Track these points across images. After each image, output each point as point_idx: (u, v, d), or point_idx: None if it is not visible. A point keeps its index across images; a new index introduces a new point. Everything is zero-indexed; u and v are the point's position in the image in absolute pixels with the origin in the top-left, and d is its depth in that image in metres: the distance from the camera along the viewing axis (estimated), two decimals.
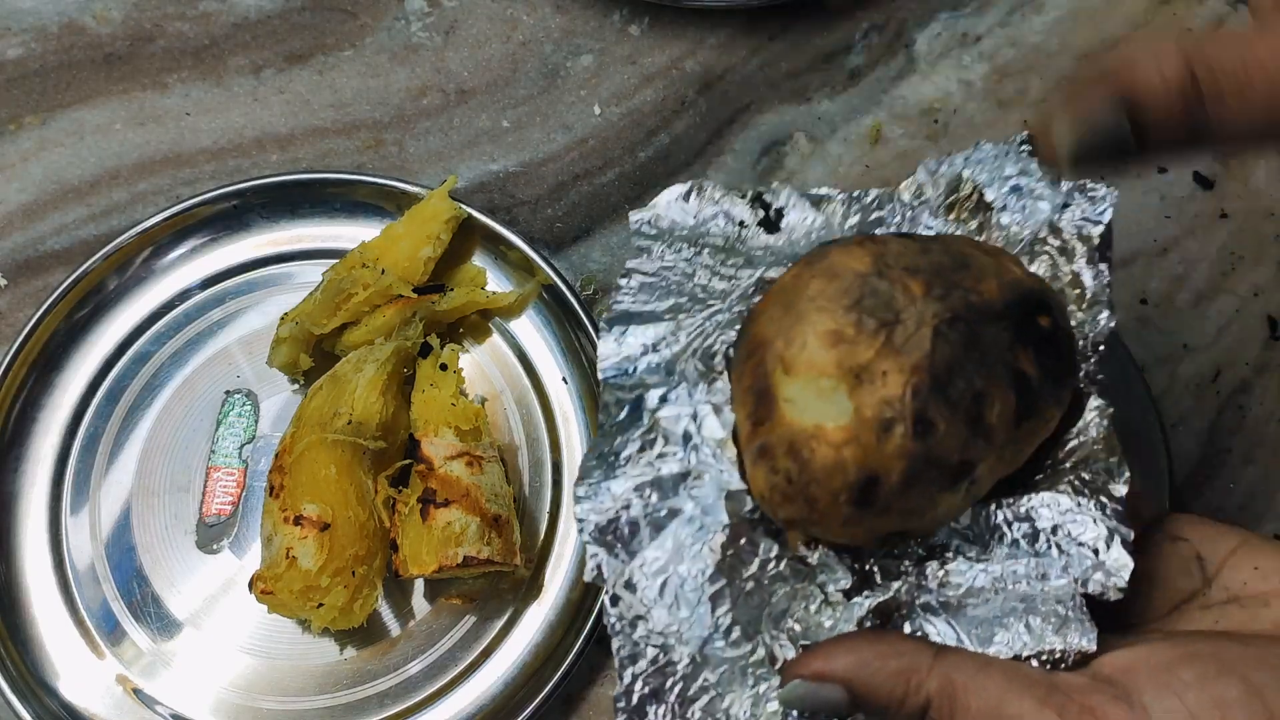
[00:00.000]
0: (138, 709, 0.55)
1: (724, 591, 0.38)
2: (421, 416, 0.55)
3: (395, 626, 0.56)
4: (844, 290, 0.36)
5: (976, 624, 0.38)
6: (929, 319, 0.35)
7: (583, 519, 0.39)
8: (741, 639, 0.38)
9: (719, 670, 0.38)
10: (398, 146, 0.65)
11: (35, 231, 0.64)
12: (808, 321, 0.36)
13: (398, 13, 0.68)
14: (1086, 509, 0.38)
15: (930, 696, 0.34)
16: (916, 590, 0.39)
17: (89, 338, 0.60)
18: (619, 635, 0.39)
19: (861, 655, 0.35)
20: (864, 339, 0.35)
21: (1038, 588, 0.38)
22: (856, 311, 0.35)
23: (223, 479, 0.58)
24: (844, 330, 0.35)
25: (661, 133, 0.66)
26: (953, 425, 0.35)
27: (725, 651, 0.38)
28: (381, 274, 0.56)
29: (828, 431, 0.35)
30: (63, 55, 0.67)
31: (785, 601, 0.39)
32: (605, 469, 0.40)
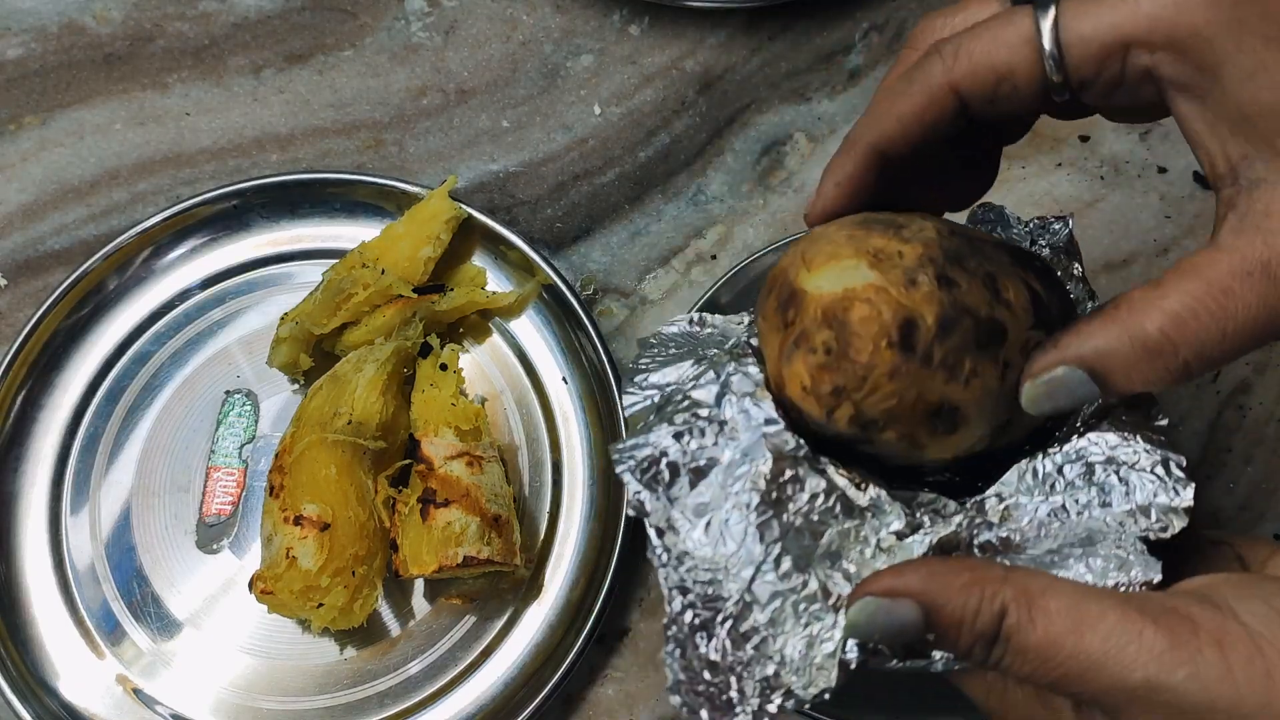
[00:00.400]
0: (138, 709, 0.55)
1: (771, 523, 0.37)
2: (421, 416, 0.55)
3: (395, 626, 0.56)
4: (856, 221, 0.37)
5: (1036, 563, 0.37)
6: (931, 228, 0.37)
7: (620, 461, 0.38)
8: (793, 570, 0.37)
9: (769, 609, 0.37)
10: (398, 146, 0.65)
11: (35, 231, 0.64)
12: (824, 237, 0.37)
13: (398, 13, 0.68)
14: (1134, 442, 0.38)
15: (1006, 604, 0.32)
16: (976, 527, 0.38)
17: (89, 338, 0.60)
18: (665, 566, 0.38)
19: (932, 570, 0.34)
20: (876, 235, 0.36)
21: (1101, 516, 0.37)
22: (865, 224, 0.37)
23: (223, 479, 0.58)
24: (856, 233, 0.36)
25: (661, 133, 0.66)
26: (973, 286, 0.35)
27: (776, 584, 0.37)
28: (381, 274, 0.56)
29: (858, 290, 0.35)
30: (63, 55, 0.67)
31: (837, 540, 0.38)
32: (642, 430, 0.39)
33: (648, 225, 0.64)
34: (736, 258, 0.63)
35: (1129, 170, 0.64)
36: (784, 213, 0.64)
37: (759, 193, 0.64)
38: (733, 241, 0.63)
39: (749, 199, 0.64)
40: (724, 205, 0.64)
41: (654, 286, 0.63)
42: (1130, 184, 0.63)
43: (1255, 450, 0.60)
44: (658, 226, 0.64)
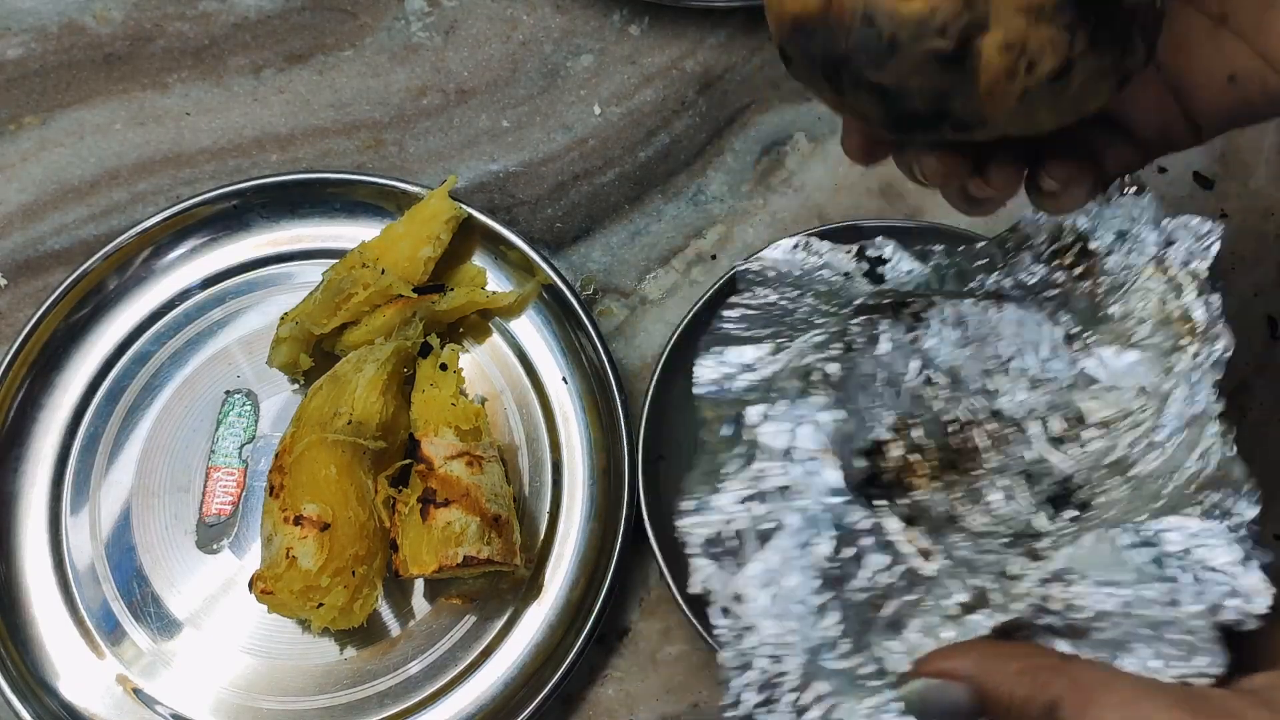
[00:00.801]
0: (138, 709, 0.55)
1: (833, 604, 0.38)
2: (421, 416, 0.55)
3: (395, 626, 0.56)
4: None
5: (1101, 647, 0.37)
6: None
7: (688, 533, 0.39)
8: (852, 651, 0.38)
9: (831, 680, 0.38)
10: (398, 146, 0.65)
11: (35, 231, 0.64)
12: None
13: (398, 13, 0.68)
14: (1217, 533, 0.38)
15: (1058, 696, 0.32)
16: (1039, 613, 0.38)
17: (89, 338, 0.60)
18: (728, 646, 0.39)
19: (986, 654, 0.35)
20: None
21: (1168, 614, 0.37)
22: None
23: (223, 479, 0.58)
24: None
25: (661, 133, 0.66)
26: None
27: (835, 664, 0.38)
28: (381, 274, 0.56)
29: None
30: (63, 55, 0.67)
31: (898, 613, 0.38)
32: (709, 484, 0.40)
33: (648, 225, 0.64)
34: (736, 258, 0.63)
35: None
36: (784, 213, 0.64)
37: (759, 193, 0.64)
38: (733, 241, 0.63)
39: (749, 199, 0.64)
40: (724, 205, 0.64)
41: (654, 286, 0.63)
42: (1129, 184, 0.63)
43: (1255, 450, 0.60)
44: (658, 226, 0.64)
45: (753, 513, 0.39)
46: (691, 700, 0.56)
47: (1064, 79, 0.32)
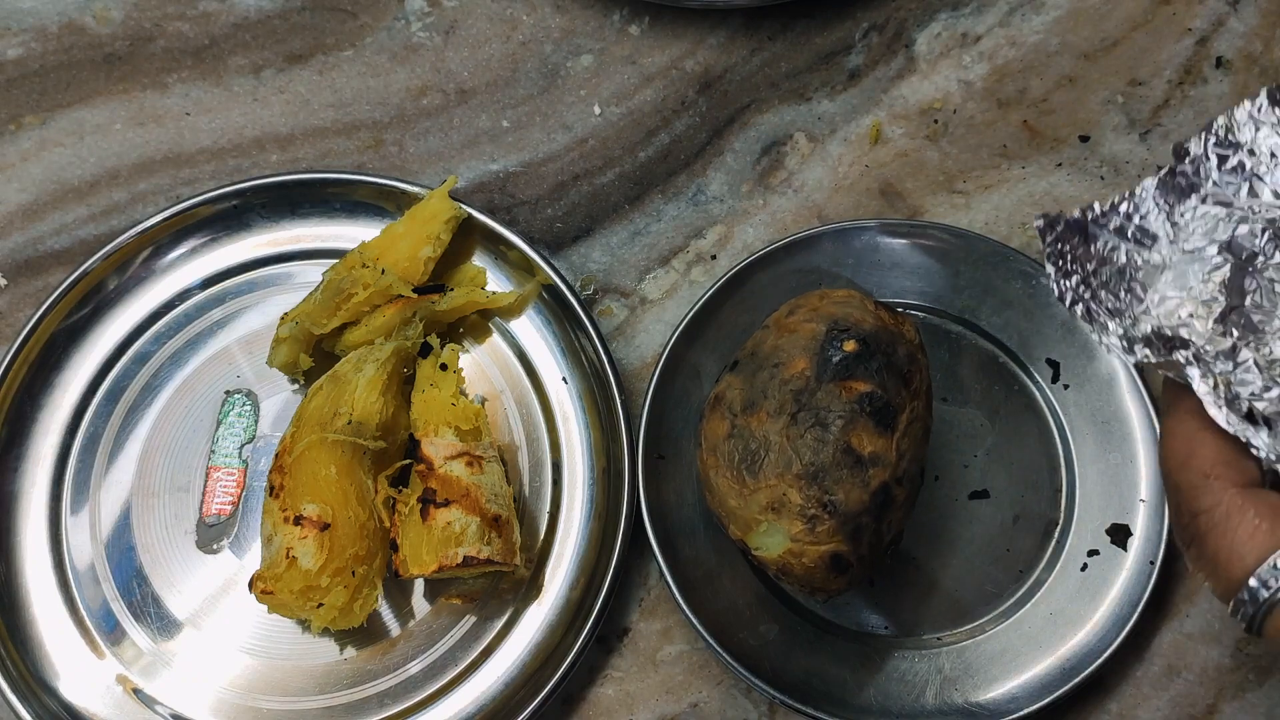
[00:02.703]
0: (138, 709, 0.55)
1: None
2: (421, 416, 0.55)
3: (395, 626, 0.56)
4: (724, 457, 0.49)
5: None
6: (779, 435, 0.47)
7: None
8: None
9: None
10: (398, 146, 0.65)
11: (35, 231, 0.64)
12: (726, 493, 0.49)
13: (398, 13, 0.68)
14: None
15: None
16: None
17: (89, 338, 0.60)
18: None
19: None
20: (757, 484, 0.47)
21: None
22: (739, 470, 0.48)
23: (223, 479, 0.58)
24: (741, 489, 0.48)
25: (661, 133, 0.66)
26: (847, 485, 0.47)
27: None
28: (381, 274, 0.56)
29: (788, 552, 0.47)
30: (63, 55, 0.67)
31: None
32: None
33: (648, 225, 0.64)
34: (736, 258, 0.63)
35: (1129, 170, 0.64)
36: (784, 213, 0.64)
37: (759, 193, 0.64)
38: (733, 241, 0.63)
39: (749, 199, 0.64)
40: (724, 205, 0.64)
41: (654, 286, 0.63)
42: (1130, 184, 0.63)
43: None
44: (658, 226, 0.64)
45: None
46: (691, 700, 0.56)
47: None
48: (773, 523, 0.47)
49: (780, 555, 0.47)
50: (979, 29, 0.67)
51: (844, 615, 0.55)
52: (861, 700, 0.53)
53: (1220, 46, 0.66)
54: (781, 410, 0.48)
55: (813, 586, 0.48)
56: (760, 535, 0.48)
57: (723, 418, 0.49)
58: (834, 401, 0.47)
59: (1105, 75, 0.66)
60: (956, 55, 0.67)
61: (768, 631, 0.54)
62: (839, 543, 0.47)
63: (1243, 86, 0.65)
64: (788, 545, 0.47)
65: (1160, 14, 0.67)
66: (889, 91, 0.66)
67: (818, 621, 0.55)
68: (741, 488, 0.48)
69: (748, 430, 0.48)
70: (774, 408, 0.48)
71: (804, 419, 0.47)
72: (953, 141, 0.65)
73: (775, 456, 0.47)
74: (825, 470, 0.47)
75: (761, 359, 0.50)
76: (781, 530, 0.47)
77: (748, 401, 0.49)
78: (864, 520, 0.47)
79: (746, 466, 0.48)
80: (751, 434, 0.48)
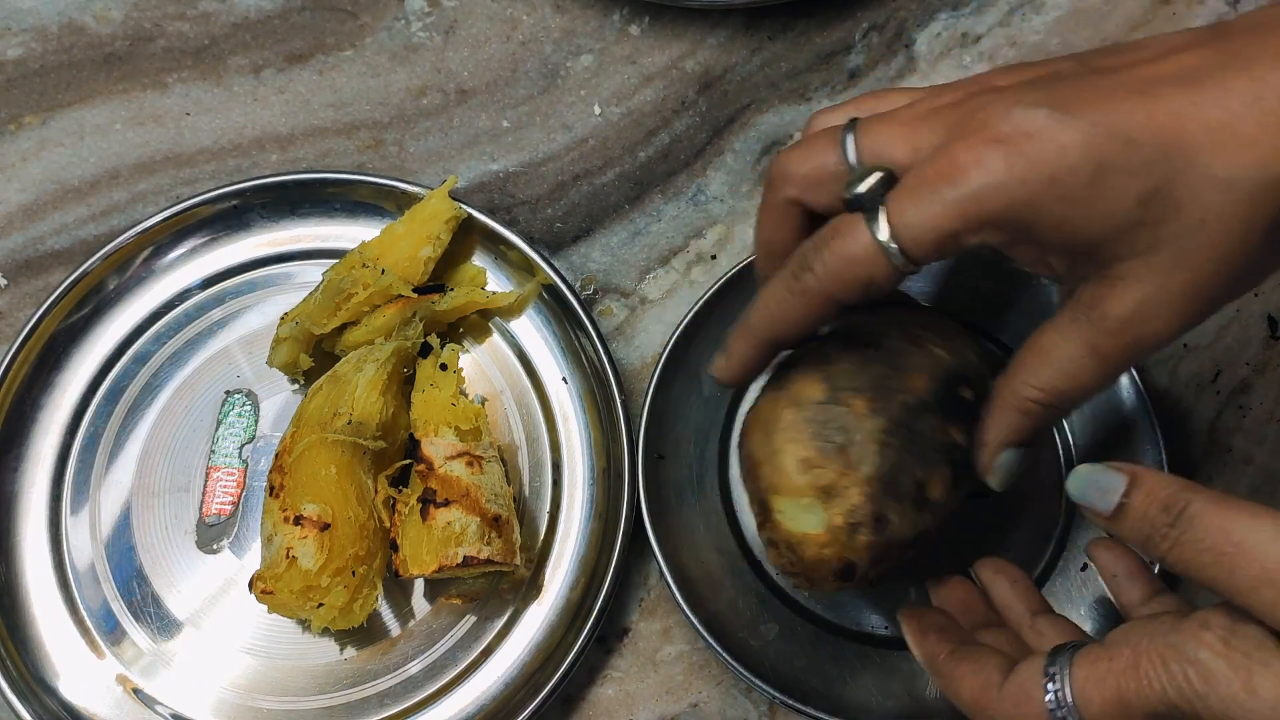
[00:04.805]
0: (138, 709, 0.55)
1: None
2: (421, 416, 0.55)
3: (395, 626, 0.56)
4: (807, 420, 0.45)
5: None
6: (875, 434, 0.44)
7: None
8: None
9: None
10: (398, 146, 0.65)
11: (35, 231, 0.64)
12: (785, 451, 0.45)
13: (398, 13, 0.68)
14: None
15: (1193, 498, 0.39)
16: None
17: (89, 338, 0.60)
18: None
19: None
20: (827, 462, 0.44)
21: None
22: (819, 439, 0.45)
23: (223, 479, 0.58)
24: (812, 457, 0.45)
25: (661, 133, 0.66)
26: (903, 514, 0.45)
27: None
28: (381, 274, 0.56)
29: (811, 537, 0.45)
30: (63, 55, 0.67)
31: None
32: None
33: (648, 225, 0.64)
34: (736, 258, 0.63)
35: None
36: None
37: (759, 193, 0.64)
38: (733, 241, 0.63)
39: (749, 199, 0.64)
40: (724, 205, 0.64)
41: (654, 286, 0.63)
42: None
43: (1255, 450, 0.60)
44: (658, 226, 0.64)
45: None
46: (691, 700, 0.56)
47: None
48: (817, 504, 0.45)
49: (802, 534, 0.45)
50: (979, 29, 0.67)
51: (844, 615, 0.55)
52: (861, 700, 0.53)
53: None
54: (884, 413, 0.45)
55: (806, 575, 0.46)
56: (796, 506, 0.45)
57: (821, 381, 0.46)
58: (932, 434, 0.45)
59: None
60: (956, 55, 0.67)
61: (768, 631, 0.54)
62: (863, 557, 0.45)
63: None
64: (817, 532, 0.45)
65: (1160, 14, 0.67)
66: None
67: (818, 621, 0.55)
68: (806, 453, 0.45)
69: (842, 407, 0.45)
70: (878, 407, 0.45)
71: (900, 434, 0.45)
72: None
73: (857, 450, 0.45)
74: (895, 492, 0.45)
75: (884, 354, 0.47)
76: (821, 516, 0.45)
77: (856, 384, 0.46)
78: (893, 551, 0.45)
79: (824, 438, 0.45)
80: (845, 414, 0.45)
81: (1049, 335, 0.42)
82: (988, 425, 0.45)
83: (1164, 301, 0.39)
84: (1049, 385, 0.42)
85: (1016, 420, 0.43)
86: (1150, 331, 0.40)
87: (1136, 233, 0.38)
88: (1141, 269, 0.39)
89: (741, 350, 0.46)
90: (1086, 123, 0.38)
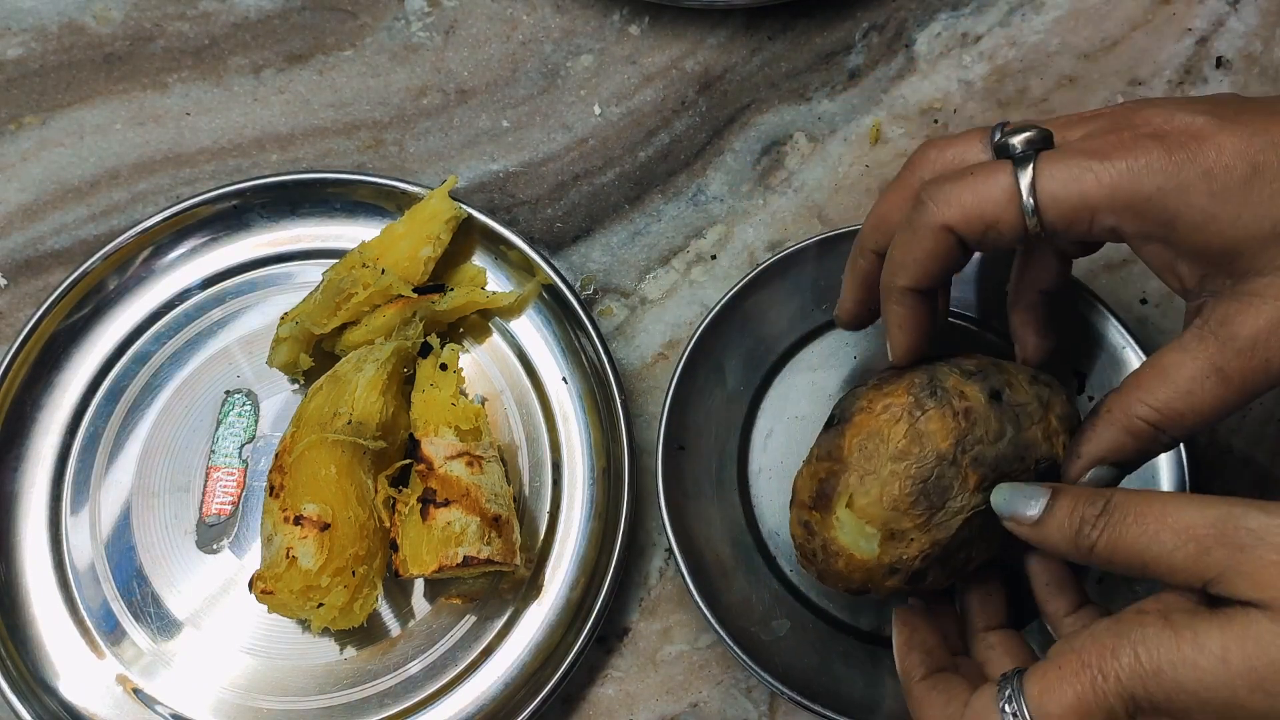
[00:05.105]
0: (138, 709, 0.55)
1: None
2: (421, 416, 0.55)
3: (395, 626, 0.56)
4: (919, 466, 0.44)
5: None
6: (967, 510, 0.44)
7: None
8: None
9: None
10: (398, 146, 0.65)
11: (35, 231, 0.64)
12: (880, 479, 0.45)
13: (398, 13, 0.68)
14: None
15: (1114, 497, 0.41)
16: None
17: (89, 338, 0.60)
18: None
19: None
20: (912, 514, 0.44)
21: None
22: (918, 492, 0.44)
23: (223, 479, 0.58)
24: (902, 502, 0.44)
25: (661, 133, 0.66)
26: (939, 576, 0.46)
27: None
28: (381, 274, 0.56)
29: (854, 558, 0.46)
30: (63, 55, 0.67)
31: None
32: None
33: (648, 225, 0.64)
34: (736, 257, 0.63)
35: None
36: (784, 213, 0.64)
37: (759, 193, 0.64)
38: (733, 241, 0.63)
39: (749, 199, 0.64)
40: (724, 205, 0.64)
41: (654, 286, 0.63)
42: None
43: (1255, 450, 0.60)
44: (658, 226, 0.64)
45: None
46: (691, 700, 0.56)
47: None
48: (877, 537, 0.45)
49: (847, 550, 0.46)
50: (979, 29, 0.67)
51: (856, 615, 0.55)
52: (870, 700, 0.53)
53: (1220, 46, 0.66)
54: (986, 493, 0.45)
55: (820, 571, 0.47)
56: (859, 527, 0.45)
57: (954, 436, 0.44)
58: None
59: (1105, 75, 0.66)
60: (956, 55, 0.67)
61: (779, 627, 0.54)
62: (881, 588, 0.46)
63: (1243, 86, 0.65)
64: (862, 557, 0.45)
65: (1160, 14, 0.67)
66: (889, 91, 0.66)
67: (829, 620, 0.55)
68: (901, 496, 0.44)
69: (959, 476, 0.44)
70: (986, 486, 0.44)
71: (982, 515, 0.45)
72: None
73: (943, 518, 0.44)
74: (944, 559, 0.45)
75: (1016, 430, 0.45)
76: (874, 549, 0.45)
77: (979, 456, 0.44)
78: (909, 587, 0.46)
79: (926, 496, 0.44)
80: (956, 482, 0.44)
81: (1172, 353, 0.41)
82: (1088, 437, 0.43)
83: None
84: (1165, 405, 0.41)
85: (1120, 439, 0.42)
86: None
87: (1278, 245, 0.38)
88: (1278, 286, 0.38)
89: (894, 314, 0.46)
90: (1248, 130, 0.38)
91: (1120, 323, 0.55)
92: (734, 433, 0.58)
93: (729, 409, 0.58)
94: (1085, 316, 0.56)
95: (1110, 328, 0.56)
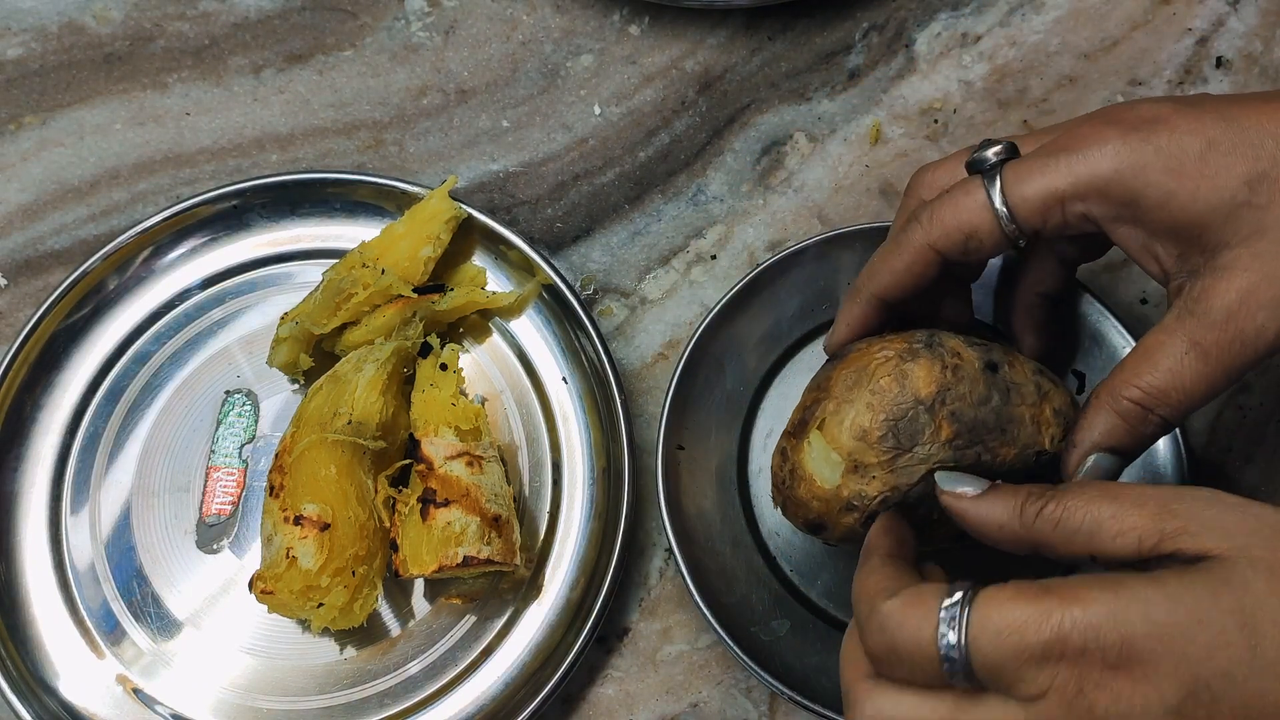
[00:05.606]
0: (138, 709, 0.55)
1: None
2: (421, 416, 0.55)
3: (395, 626, 0.56)
4: (895, 404, 0.44)
5: None
6: (933, 460, 0.44)
7: None
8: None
9: None
10: (398, 146, 0.65)
11: (35, 231, 0.64)
12: (856, 408, 0.45)
13: (398, 13, 0.68)
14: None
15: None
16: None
17: (89, 338, 0.60)
18: None
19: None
20: (878, 450, 0.44)
21: None
22: (889, 428, 0.44)
23: (223, 479, 0.58)
24: (869, 434, 0.44)
25: (661, 133, 0.66)
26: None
27: None
28: (381, 274, 0.56)
29: (815, 484, 0.46)
30: (63, 55, 0.67)
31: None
32: None
33: (648, 225, 0.64)
34: (736, 257, 0.63)
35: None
36: (784, 213, 0.64)
37: (759, 193, 0.64)
38: (733, 241, 0.63)
39: (749, 199, 0.64)
40: (724, 205, 0.64)
41: (654, 286, 0.63)
42: None
43: (1255, 450, 0.60)
44: (658, 226, 0.64)
45: None
46: (691, 700, 0.56)
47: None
48: (840, 467, 0.45)
49: (810, 474, 0.46)
50: (979, 29, 0.67)
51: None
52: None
53: (1220, 46, 0.66)
54: (957, 454, 0.44)
55: (785, 499, 0.47)
56: (826, 453, 0.45)
57: (937, 384, 0.44)
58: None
59: (1105, 75, 0.66)
60: (956, 55, 0.67)
61: (779, 627, 0.54)
62: (835, 530, 0.46)
63: (1243, 86, 0.65)
64: (821, 483, 0.45)
65: (1160, 14, 0.67)
66: (889, 91, 0.66)
67: (829, 620, 0.55)
68: (872, 428, 0.44)
69: (933, 423, 0.44)
70: (959, 445, 0.44)
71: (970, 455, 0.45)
72: (953, 142, 0.65)
73: (908, 463, 0.44)
74: (904, 512, 0.45)
75: (1006, 405, 0.45)
76: (835, 478, 0.45)
77: (958, 411, 0.44)
78: (858, 530, 0.46)
79: (895, 434, 0.44)
80: (929, 429, 0.44)
81: (1154, 335, 0.42)
82: (1081, 426, 0.44)
83: (1269, 291, 0.39)
84: (1149, 384, 0.42)
85: (1111, 422, 0.43)
86: (1254, 326, 0.40)
87: (1242, 215, 0.39)
88: (1246, 257, 0.40)
89: (849, 309, 0.48)
90: (1207, 113, 0.40)
91: (1120, 323, 0.55)
92: (734, 433, 0.58)
93: (729, 409, 0.58)
94: (1085, 316, 0.56)
95: (1110, 328, 0.56)
